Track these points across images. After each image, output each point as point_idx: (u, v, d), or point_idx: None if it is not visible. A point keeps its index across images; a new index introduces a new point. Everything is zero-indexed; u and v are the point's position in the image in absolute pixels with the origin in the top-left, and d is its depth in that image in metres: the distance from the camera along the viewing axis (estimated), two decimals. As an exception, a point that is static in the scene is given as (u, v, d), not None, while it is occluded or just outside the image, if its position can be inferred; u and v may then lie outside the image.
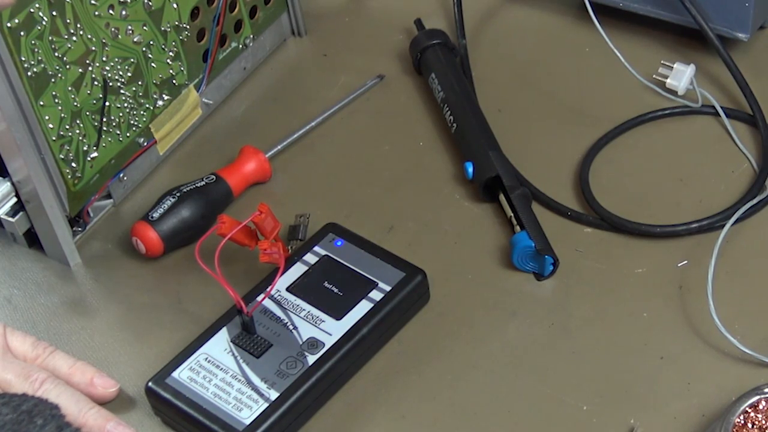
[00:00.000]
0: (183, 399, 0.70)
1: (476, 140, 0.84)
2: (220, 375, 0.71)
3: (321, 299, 0.74)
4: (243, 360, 0.71)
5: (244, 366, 0.71)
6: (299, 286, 0.75)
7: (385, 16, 1.00)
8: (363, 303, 0.73)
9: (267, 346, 0.71)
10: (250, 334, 0.72)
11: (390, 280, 0.74)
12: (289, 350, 0.71)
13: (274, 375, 0.70)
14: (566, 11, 0.97)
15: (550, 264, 0.77)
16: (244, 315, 0.72)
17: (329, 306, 0.73)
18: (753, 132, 0.85)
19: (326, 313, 0.73)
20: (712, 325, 0.71)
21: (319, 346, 0.71)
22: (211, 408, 0.69)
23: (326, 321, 0.72)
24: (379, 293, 0.74)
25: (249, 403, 0.69)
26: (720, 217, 0.78)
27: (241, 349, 0.71)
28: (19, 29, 0.73)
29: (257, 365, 0.71)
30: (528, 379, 0.72)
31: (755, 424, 0.64)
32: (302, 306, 0.74)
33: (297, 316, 0.73)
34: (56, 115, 0.78)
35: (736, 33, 0.87)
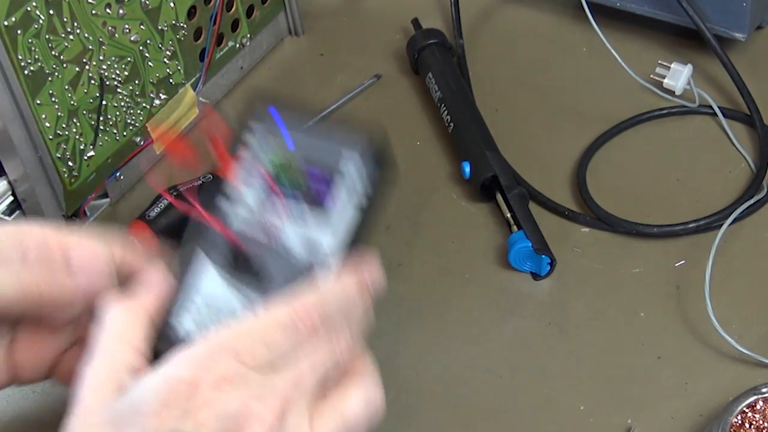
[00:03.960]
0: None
1: (473, 140, 0.84)
2: (227, 309, 0.58)
3: (290, 185, 0.60)
4: (247, 286, 0.58)
5: (248, 291, 0.58)
6: (250, 175, 0.61)
7: (382, 15, 1.00)
8: (342, 196, 0.60)
9: (264, 265, 0.59)
10: (237, 256, 0.59)
11: (352, 143, 0.61)
12: (288, 266, 0.59)
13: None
14: (563, 11, 0.97)
15: (547, 264, 0.76)
16: (227, 240, 0.59)
17: (311, 201, 0.60)
18: (750, 132, 0.85)
19: (310, 209, 0.60)
20: (709, 325, 0.71)
21: (319, 249, 0.59)
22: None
23: (314, 219, 0.60)
24: (358, 177, 0.61)
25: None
26: (717, 217, 0.78)
27: (235, 273, 0.59)
28: (16, 28, 0.73)
29: (261, 286, 0.59)
30: (525, 378, 0.72)
31: (753, 424, 0.64)
32: (279, 213, 0.60)
33: (281, 230, 0.60)
34: (53, 113, 0.78)
35: (734, 33, 0.87)
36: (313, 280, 0.57)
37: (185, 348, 0.52)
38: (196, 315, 0.57)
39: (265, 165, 0.60)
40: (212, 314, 0.57)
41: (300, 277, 0.58)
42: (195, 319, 0.57)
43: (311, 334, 0.53)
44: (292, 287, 0.57)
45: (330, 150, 0.61)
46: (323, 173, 0.60)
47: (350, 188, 0.60)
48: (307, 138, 0.61)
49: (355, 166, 0.61)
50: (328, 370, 0.54)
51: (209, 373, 0.50)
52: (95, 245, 0.59)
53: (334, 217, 0.60)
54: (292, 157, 0.61)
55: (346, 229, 0.60)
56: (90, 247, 0.59)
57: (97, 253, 0.58)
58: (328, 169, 0.60)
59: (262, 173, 0.60)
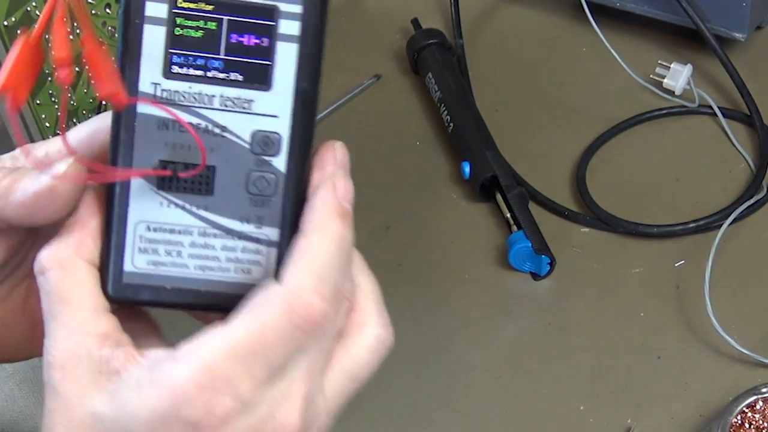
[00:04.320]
0: (167, 292, 0.49)
1: (473, 140, 0.84)
2: (185, 240, 0.48)
3: (224, 70, 0.47)
4: (196, 206, 0.48)
5: (205, 213, 0.48)
6: (176, 63, 0.47)
7: (382, 15, 1.00)
8: (282, 46, 0.47)
9: (211, 174, 0.48)
10: (176, 166, 0.47)
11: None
12: (241, 164, 0.48)
13: (250, 207, 0.48)
14: (563, 11, 0.97)
15: (546, 264, 0.76)
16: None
17: (242, 74, 0.47)
18: (750, 132, 0.85)
19: (246, 86, 0.47)
20: (709, 325, 0.71)
21: (274, 141, 0.48)
22: (212, 288, 0.49)
23: (255, 99, 0.47)
24: (291, 20, 0.47)
25: (251, 257, 0.49)
26: (717, 216, 0.78)
27: (182, 193, 0.48)
28: (16, 28, 0.73)
29: (219, 204, 0.48)
30: (525, 378, 0.72)
31: (752, 424, 0.64)
32: (207, 92, 0.47)
33: (212, 110, 0.47)
34: (53, 113, 0.78)
35: (734, 33, 0.87)
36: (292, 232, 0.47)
37: (169, 372, 0.44)
38: (144, 247, 0.48)
39: (178, 39, 0.47)
40: (164, 243, 0.48)
41: (253, 178, 0.48)
42: (144, 252, 0.48)
43: (315, 325, 0.45)
44: (244, 198, 0.48)
45: (258, 4, 0.47)
46: (263, 41, 0.47)
47: (293, 35, 0.47)
48: None
49: (298, 16, 0.47)
50: (334, 339, 0.47)
51: (210, 415, 0.44)
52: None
53: (279, 84, 0.48)
54: (211, 18, 0.47)
55: (294, 90, 0.48)
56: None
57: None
58: (264, 31, 0.47)
59: (181, 56, 0.47)
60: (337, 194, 0.47)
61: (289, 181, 0.48)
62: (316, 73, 0.48)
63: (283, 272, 0.45)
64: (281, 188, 0.48)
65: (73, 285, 0.46)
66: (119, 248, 0.48)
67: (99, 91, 0.45)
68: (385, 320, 0.49)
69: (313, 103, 0.48)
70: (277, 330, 0.44)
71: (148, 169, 0.47)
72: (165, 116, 0.47)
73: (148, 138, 0.47)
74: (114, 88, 0.45)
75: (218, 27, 0.46)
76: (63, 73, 0.44)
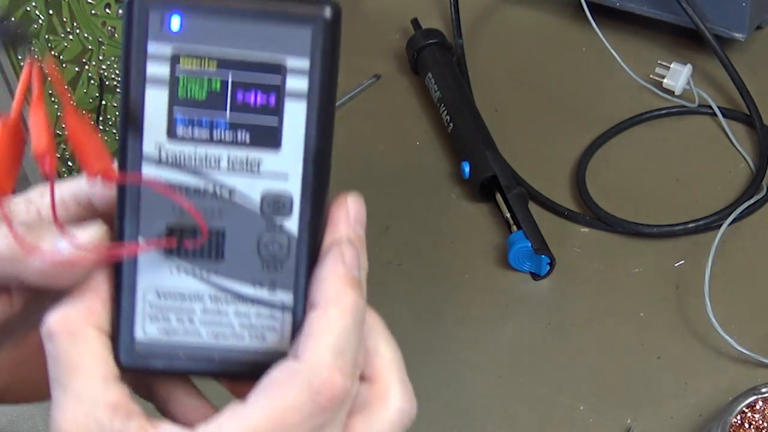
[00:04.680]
0: (180, 361, 0.47)
1: (473, 140, 0.84)
2: (197, 306, 0.47)
3: (230, 130, 0.45)
4: (207, 271, 0.46)
5: (216, 279, 0.46)
6: (180, 124, 0.45)
7: (382, 15, 1.00)
8: (290, 104, 0.45)
9: (220, 238, 0.46)
10: (184, 231, 0.46)
11: (297, 45, 0.45)
12: (252, 227, 0.46)
13: (262, 271, 0.47)
14: (563, 11, 0.97)
15: (546, 264, 0.76)
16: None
17: (249, 134, 0.45)
18: (750, 132, 0.85)
19: (254, 147, 0.45)
20: (709, 325, 0.71)
21: (285, 202, 0.46)
22: (226, 355, 0.47)
23: (264, 159, 0.45)
24: (299, 76, 0.45)
25: (266, 322, 0.47)
26: (717, 216, 0.78)
27: (192, 259, 0.46)
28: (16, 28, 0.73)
29: (231, 269, 0.46)
30: (525, 378, 0.72)
31: (752, 424, 0.64)
32: (213, 154, 0.45)
33: (219, 172, 0.45)
34: (52, 113, 0.78)
35: (733, 33, 0.87)
36: (310, 310, 0.45)
37: None
38: (154, 314, 0.47)
39: (182, 101, 0.45)
40: (174, 311, 0.47)
41: (265, 241, 0.46)
42: (155, 320, 0.47)
43: (337, 402, 0.44)
44: (255, 262, 0.46)
45: (264, 43, 0.44)
46: (270, 100, 0.45)
47: (301, 92, 0.45)
48: (229, 38, 0.44)
49: (306, 53, 0.45)
50: (354, 393, 0.46)
51: None
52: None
53: (288, 143, 0.45)
54: (215, 77, 0.44)
55: (303, 149, 0.45)
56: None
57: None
58: (272, 90, 0.45)
59: (183, 117, 0.45)
60: (347, 263, 0.45)
61: (301, 244, 0.46)
62: (326, 130, 0.45)
63: (301, 348, 0.44)
64: (294, 251, 0.46)
65: (83, 352, 0.45)
66: (129, 316, 0.46)
67: (87, 171, 0.42)
68: (408, 393, 0.48)
69: (325, 162, 0.46)
70: (299, 410, 0.43)
71: (155, 236, 0.45)
72: (171, 179, 0.45)
73: (155, 202, 0.45)
74: (103, 166, 0.42)
75: (223, 86, 0.44)
76: (47, 163, 0.41)
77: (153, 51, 0.44)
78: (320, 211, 0.46)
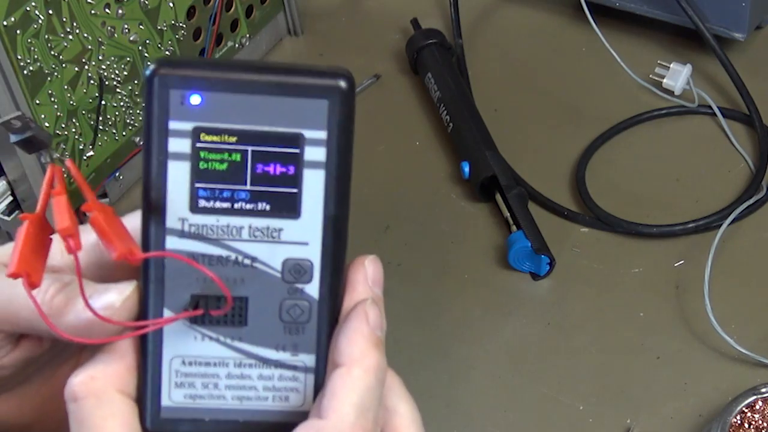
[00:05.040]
0: (205, 425, 0.48)
1: (473, 140, 0.84)
2: (221, 372, 0.48)
3: (251, 201, 0.47)
4: (231, 338, 0.48)
5: (240, 345, 0.48)
6: (202, 197, 0.46)
7: (382, 15, 1.00)
8: (309, 173, 0.46)
9: (244, 305, 0.47)
10: (208, 300, 0.47)
11: (314, 116, 0.46)
12: (274, 293, 0.47)
13: (285, 335, 0.48)
14: (563, 11, 0.97)
15: (546, 264, 0.76)
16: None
17: (270, 204, 0.47)
18: (749, 132, 0.85)
19: (274, 216, 0.47)
20: (708, 325, 0.71)
21: (306, 268, 0.47)
22: (251, 417, 0.48)
23: (285, 227, 0.47)
24: (316, 146, 0.46)
25: (289, 384, 0.48)
26: (717, 216, 0.78)
27: (216, 326, 0.47)
28: (16, 28, 0.73)
29: (254, 334, 0.48)
30: (524, 378, 0.72)
31: (752, 424, 0.64)
32: (235, 224, 0.46)
33: (241, 242, 0.47)
34: (52, 113, 0.78)
35: (733, 33, 0.87)
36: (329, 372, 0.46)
37: None
38: (180, 381, 0.48)
39: (203, 174, 0.46)
40: (200, 377, 0.48)
41: (286, 307, 0.48)
42: (180, 386, 0.48)
43: None
44: (277, 326, 0.48)
45: (284, 133, 0.46)
46: (288, 171, 0.46)
47: (319, 162, 0.46)
48: (248, 115, 0.45)
49: (323, 123, 0.46)
50: None
51: None
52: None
53: (307, 211, 0.47)
54: (235, 150, 0.46)
55: (323, 216, 0.47)
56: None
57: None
58: (291, 160, 0.46)
59: (205, 189, 0.46)
60: (370, 323, 0.47)
61: (322, 307, 0.47)
62: (344, 197, 0.47)
63: (325, 406, 0.45)
64: (315, 314, 0.47)
65: (107, 416, 0.45)
66: (156, 383, 0.47)
67: (112, 254, 0.44)
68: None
69: (343, 227, 0.47)
70: None
71: (180, 306, 0.47)
72: (195, 251, 0.46)
73: (179, 274, 0.46)
74: (127, 247, 0.44)
75: (243, 158, 0.45)
76: (71, 243, 0.43)
77: (174, 127, 0.45)
78: (339, 275, 0.48)
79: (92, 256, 0.48)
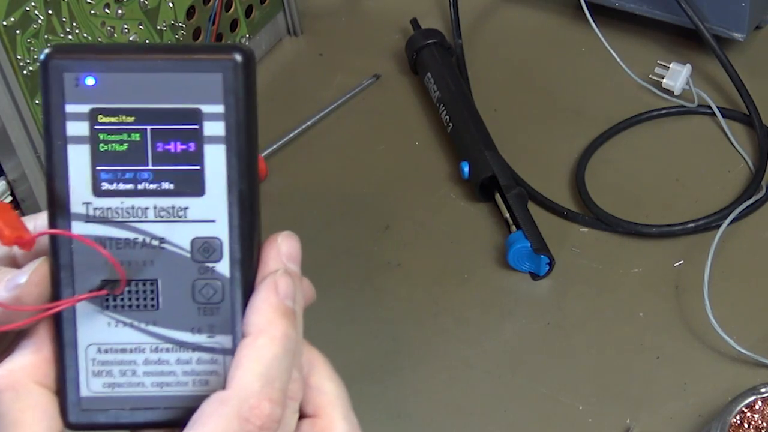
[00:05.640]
0: (127, 414, 0.47)
1: (472, 140, 0.84)
2: (138, 358, 0.47)
3: (154, 181, 0.46)
4: (145, 323, 0.47)
5: (155, 329, 0.47)
6: (105, 179, 0.46)
7: (381, 15, 1.00)
8: (209, 149, 0.46)
9: (155, 288, 0.47)
10: (116, 285, 0.46)
11: (210, 90, 0.46)
12: (185, 274, 0.47)
13: (199, 317, 0.47)
14: (562, 11, 0.97)
15: (546, 264, 0.76)
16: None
17: (173, 183, 0.46)
18: (749, 132, 0.85)
19: (178, 194, 0.46)
20: (708, 325, 0.71)
21: (215, 246, 0.46)
22: (171, 404, 0.47)
23: (190, 206, 0.46)
24: (215, 120, 0.45)
25: (207, 367, 0.47)
26: (716, 216, 0.78)
27: (129, 311, 0.47)
28: (15, 28, 0.73)
29: (168, 318, 0.47)
30: (524, 378, 0.72)
31: (751, 424, 0.64)
32: (140, 205, 0.46)
33: (146, 222, 0.46)
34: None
35: (733, 33, 0.87)
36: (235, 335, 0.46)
37: None
38: (97, 369, 0.47)
39: (104, 156, 0.45)
40: (117, 364, 0.47)
41: (198, 287, 0.47)
42: (98, 375, 0.47)
43: (266, 429, 0.44)
44: (191, 308, 0.47)
45: (181, 109, 0.45)
46: (189, 146, 0.46)
47: (219, 136, 0.45)
48: (144, 92, 0.45)
49: (219, 97, 0.45)
50: (292, 426, 0.47)
51: None
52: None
53: (211, 187, 0.46)
54: (134, 130, 0.45)
55: (227, 192, 0.46)
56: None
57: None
58: (191, 136, 0.45)
59: (105, 169, 0.45)
60: (280, 293, 0.46)
61: (234, 286, 0.46)
62: (248, 170, 0.46)
63: (230, 377, 0.44)
64: (228, 294, 0.46)
65: (26, 407, 0.45)
66: (73, 374, 0.47)
67: (3, 241, 0.44)
68: (353, 427, 0.48)
69: (250, 202, 0.46)
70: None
71: (91, 291, 0.46)
72: (101, 235, 0.46)
73: (88, 259, 0.46)
74: (16, 233, 0.44)
75: (142, 138, 0.45)
76: (22, 245, 0.44)
77: (71, 110, 0.45)
78: (251, 252, 0.46)
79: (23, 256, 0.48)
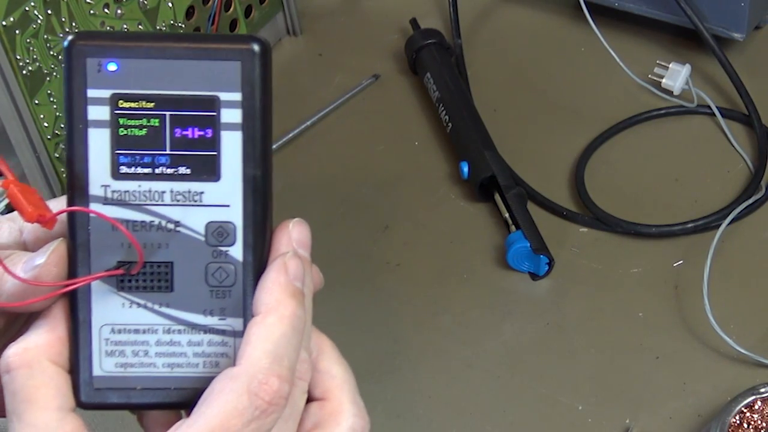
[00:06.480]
0: (137, 394, 0.49)
1: (471, 140, 0.84)
2: (151, 339, 0.48)
3: (171, 165, 0.47)
4: (158, 304, 0.48)
5: (168, 310, 0.48)
6: (123, 163, 0.47)
7: (381, 15, 1.00)
8: (226, 135, 0.47)
9: (169, 270, 0.48)
10: (132, 265, 0.47)
11: (228, 78, 0.47)
12: (199, 257, 0.48)
13: (212, 299, 0.48)
14: (562, 11, 0.97)
15: (545, 264, 0.76)
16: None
17: (190, 167, 0.47)
18: (748, 132, 0.85)
19: (195, 179, 0.47)
20: (707, 325, 0.71)
21: (229, 230, 0.48)
22: (181, 384, 0.48)
23: (205, 190, 0.47)
24: (232, 108, 0.47)
25: (218, 349, 0.48)
26: (716, 216, 0.78)
27: (143, 292, 0.48)
28: (14, 28, 0.73)
29: (181, 300, 0.48)
30: (523, 378, 0.72)
31: (751, 424, 0.64)
32: (156, 188, 0.47)
33: (162, 205, 0.47)
34: (51, 113, 0.78)
35: (732, 33, 0.87)
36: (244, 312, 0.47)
37: None
38: (110, 349, 0.48)
39: (123, 140, 0.47)
40: (130, 344, 0.48)
41: (211, 270, 0.48)
42: (111, 355, 0.48)
43: (275, 405, 0.45)
44: (204, 291, 0.48)
45: (197, 79, 0.46)
46: (206, 133, 0.47)
47: (235, 123, 0.47)
48: (164, 78, 0.46)
49: (237, 85, 0.47)
50: (300, 406, 0.48)
51: None
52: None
53: (227, 173, 0.47)
54: (153, 116, 0.46)
55: (242, 178, 0.47)
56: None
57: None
58: (208, 123, 0.47)
59: (126, 153, 0.47)
60: (289, 274, 0.47)
61: (247, 270, 0.48)
62: (263, 157, 0.47)
63: (239, 354, 0.45)
64: (240, 277, 0.48)
65: (40, 385, 0.46)
66: (87, 353, 0.48)
67: (25, 218, 0.45)
68: (360, 410, 0.49)
69: (264, 189, 0.48)
70: (240, 414, 0.44)
71: (107, 270, 0.47)
72: (118, 217, 0.47)
73: (104, 240, 0.47)
74: (38, 211, 0.45)
75: (161, 123, 0.46)
76: (44, 222, 0.45)
77: (93, 95, 0.46)
78: (263, 237, 0.48)
79: (33, 234, 0.49)
